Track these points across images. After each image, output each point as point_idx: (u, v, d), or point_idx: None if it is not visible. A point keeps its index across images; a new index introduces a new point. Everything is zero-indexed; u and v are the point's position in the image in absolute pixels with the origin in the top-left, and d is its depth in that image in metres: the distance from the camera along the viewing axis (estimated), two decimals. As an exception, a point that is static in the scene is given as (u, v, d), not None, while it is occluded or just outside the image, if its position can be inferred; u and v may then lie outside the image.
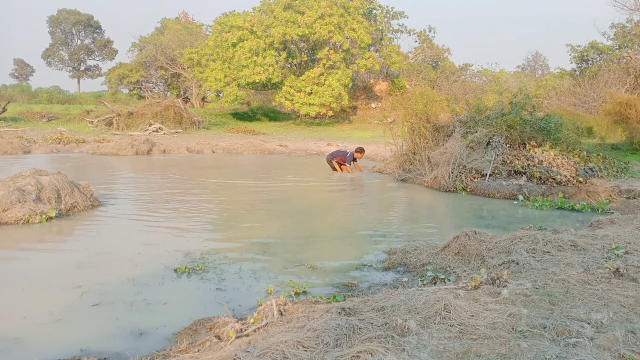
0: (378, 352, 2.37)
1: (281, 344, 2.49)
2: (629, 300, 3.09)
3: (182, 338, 3.05)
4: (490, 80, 32.60)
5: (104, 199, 7.65)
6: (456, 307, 2.89)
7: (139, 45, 38.19)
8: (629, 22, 24.50)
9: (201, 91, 34.73)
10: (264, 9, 27.09)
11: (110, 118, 22.87)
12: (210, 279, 4.20)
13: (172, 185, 9.28)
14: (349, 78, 25.37)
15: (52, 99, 43.35)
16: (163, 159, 14.72)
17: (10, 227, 5.84)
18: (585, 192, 8.44)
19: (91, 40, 58.12)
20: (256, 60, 24.79)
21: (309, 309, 3.10)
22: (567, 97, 22.90)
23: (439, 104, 11.91)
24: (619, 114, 14.21)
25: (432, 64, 34.52)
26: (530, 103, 10.62)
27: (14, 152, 14.87)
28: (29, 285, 4.03)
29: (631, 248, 4.25)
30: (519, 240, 4.49)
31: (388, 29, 31.70)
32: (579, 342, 2.51)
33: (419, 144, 10.53)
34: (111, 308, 3.59)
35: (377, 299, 3.20)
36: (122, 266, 4.52)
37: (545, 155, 9.21)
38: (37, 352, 2.91)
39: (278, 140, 20.34)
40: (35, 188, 6.48)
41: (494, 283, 3.48)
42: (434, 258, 4.56)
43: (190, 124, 23.39)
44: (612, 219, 5.67)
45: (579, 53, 26.85)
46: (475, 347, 2.49)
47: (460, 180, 9.11)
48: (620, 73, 22.31)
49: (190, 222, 6.38)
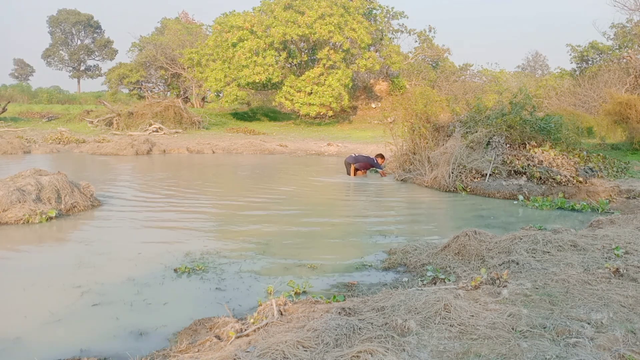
0: (378, 352, 2.37)
1: (281, 344, 2.49)
2: (629, 300, 3.09)
3: (182, 338, 3.05)
4: (490, 80, 32.63)
5: (104, 199, 7.65)
6: (456, 307, 2.89)
7: (139, 45, 38.22)
8: (629, 22, 24.52)
9: (201, 91, 34.75)
10: (264, 9, 27.09)
11: (110, 118, 22.89)
12: (210, 279, 4.19)
13: (172, 185, 9.28)
14: (349, 78, 25.37)
15: (52, 99, 43.39)
16: (163, 159, 14.73)
17: (10, 227, 5.84)
18: (585, 192, 8.44)
19: (91, 40, 58.16)
20: (256, 60, 24.79)
21: (309, 309, 3.10)
22: (567, 97, 22.91)
23: (439, 104, 11.92)
24: (619, 114, 14.22)
25: (432, 64, 34.53)
26: (530, 103, 10.63)
27: (14, 152, 14.88)
28: (29, 285, 4.03)
29: (631, 248, 4.25)
30: (519, 240, 4.49)
31: (388, 29, 31.72)
32: (579, 342, 2.51)
33: (419, 144, 10.53)
34: (111, 308, 3.59)
35: (377, 299, 3.20)
36: (122, 266, 4.52)
37: (545, 155, 9.21)
38: (37, 352, 2.91)
39: (278, 140, 20.35)
40: (35, 188, 6.48)
41: (494, 283, 3.48)
42: (434, 258, 4.55)
43: (190, 124, 23.40)
44: (612, 219, 5.67)
45: (579, 53, 26.87)
46: (475, 347, 2.49)
47: (460, 180, 9.11)
48: (620, 73, 22.32)
49: (190, 222, 6.38)
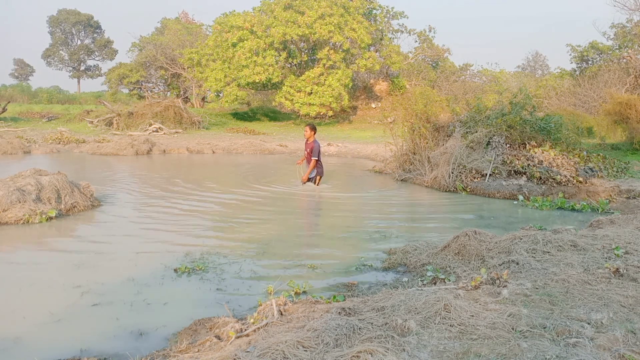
0: (378, 352, 2.37)
1: (281, 344, 2.49)
2: (629, 300, 3.09)
3: (182, 338, 3.05)
4: (490, 80, 32.64)
5: (104, 199, 7.65)
6: (456, 307, 2.89)
7: (139, 45, 38.22)
8: (629, 22, 24.53)
9: (201, 91, 34.75)
10: (264, 9, 27.09)
11: (110, 118, 22.88)
12: (210, 279, 4.19)
13: (172, 186, 9.28)
14: (349, 78, 25.36)
15: (52, 99, 43.40)
16: (163, 159, 14.72)
17: (10, 227, 5.84)
18: (585, 192, 8.44)
19: (91, 40, 58.17)
20: (256, 60, 24.79)
21: (309, 309, 3.10)
22: (567, 97, 22.91)
23: (439, 104, 11.93)
24: (619, 114, 14.22)
25: (432, 64, 34.54)
26: (530, 103, 10.63)
27: (14, 152, 14.87)
28: (29, 285, 4.03)
29: (631, 248, 4.25)
30: (519, 240, 4.48)
31: (388, 29, 31.72)
32: (579, 342, 2.50)
33: (419, 144, 10.53)
34: (111, 308, 3.59)
35: (377, 299, 3.20)
36: (122, 266, 4.52)
37: (545, 155, 9.21)
38: (37, 352, 2.91)
39: (278, 140, 20.34)
40: (35, 188, 6.48)
41: (494, 283, 3.48)
42: (434, 258, 4.55)
43: (190, 124, 23.40)
44: (612, 219, 5.67)
45: (579, 53, 26.87)
46: (475, 347, 2.49)
47: (460, 180, 9.10)
48: (620, 73, 22.32)
49: (190, 222, 6.38)
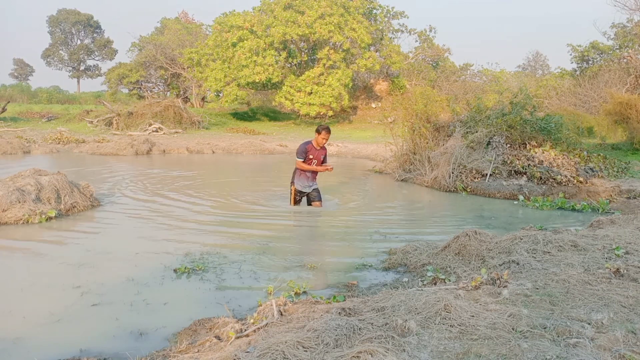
0: (378, 352, 2.36)
1: (281, 344, 2.49)
2: (630, 300, 3.09)
3: (181, 338, 3.04)
4: (490, 80, 32.64)
5: (103, 199, 7.65)
6: (456, 307, 2.89)
7: (138, 45, 38.22)
8: (629, 22, 24.54)
9: (201, 91, 34.75)
10: (264, 8, 27.09)
11: (110, 118, 22.88)
12: (210, 279, 4.19)
13: (172, 186, 9.28)
14: (349, 78, 25.36)
15: (52, 99, 43.40)
16: (163, 159, 14.72)
17: (10, 227, 5.84)
18: (586, 192, 8.44)
19: (91, 40, 58.17)
20: (256, 60, 24.79)
21: (309, 309, 3.09)
22: (568, 97, 22.90)
23: (439, 104, 11.92)
24: (619, 114, 14.21)
25: (432, 63, 34.53)
26: (530, 103, 10.62)
27: (13, 152, 14.87)
28: (29, 285, 4.02)
29: (632, 248, 4.24)
30: (519, 241, 4.48)
31: (388, 28, 31.71)
32: (579, 342, 2.50)
33: (419, 144, 10.53)
34: (111, 308, 3.58)
35: (378, 299, 3.20)
36: (122, 266, 4.51)
37: (545, 155, 9.20)
38: (37, 352, 2.91)
39: (278, 140, 20.34)
40: (35, 188, 6.48)
41: (494, 283, 3.48)
42: (434, 258, 4.55)
43: (190, 124, 23.40)
44: (612, 219, 5.66)
45: (579, 53, 26.88)
46: (475, 348, 2.48)
47: (461, 180, 9.10)
48: (620, 73, 22.31)
49: (190, 222, 6.37)
